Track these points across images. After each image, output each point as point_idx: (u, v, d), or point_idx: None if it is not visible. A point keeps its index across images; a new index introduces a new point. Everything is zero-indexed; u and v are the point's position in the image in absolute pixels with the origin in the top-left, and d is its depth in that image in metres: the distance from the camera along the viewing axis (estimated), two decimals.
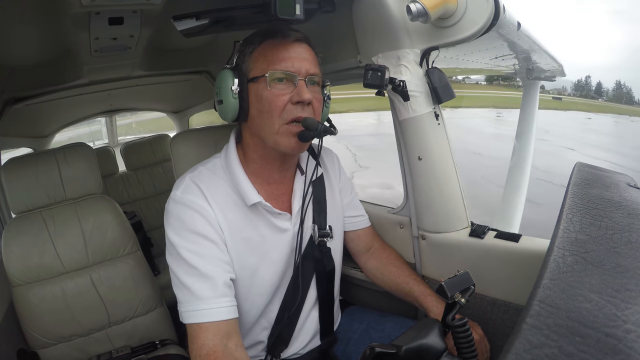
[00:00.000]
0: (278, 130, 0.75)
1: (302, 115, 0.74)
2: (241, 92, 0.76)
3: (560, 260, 0.44)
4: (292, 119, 0.74)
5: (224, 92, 0.76)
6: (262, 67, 0.75)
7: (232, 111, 0.77)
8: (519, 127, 2.51)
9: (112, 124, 3.51)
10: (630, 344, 0.31)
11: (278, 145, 0.76)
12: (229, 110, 0.77)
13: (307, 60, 0.76)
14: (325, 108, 0.85)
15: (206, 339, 0.69)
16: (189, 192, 0.76)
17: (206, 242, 0.74)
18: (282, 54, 0.75)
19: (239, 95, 0.76)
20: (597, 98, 38.50)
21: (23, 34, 0.94)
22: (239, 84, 0.76)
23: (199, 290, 0.71)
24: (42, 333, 1.11)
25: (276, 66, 0.74)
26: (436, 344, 0.59)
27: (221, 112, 0.80)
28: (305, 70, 0.75)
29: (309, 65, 0.76)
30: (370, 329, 0.98)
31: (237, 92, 0.76)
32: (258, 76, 0.75)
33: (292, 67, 0.74)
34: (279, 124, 0.74)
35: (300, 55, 0.76)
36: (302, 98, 0.73)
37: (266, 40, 0.76)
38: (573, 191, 0.64)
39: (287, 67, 0.74)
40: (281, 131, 0.75)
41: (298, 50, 0.76)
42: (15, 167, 1.14)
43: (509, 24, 0.88)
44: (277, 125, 0.74)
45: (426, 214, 0.96)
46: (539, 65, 2.02)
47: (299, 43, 0.77)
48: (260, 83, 0.75)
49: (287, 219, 0.84)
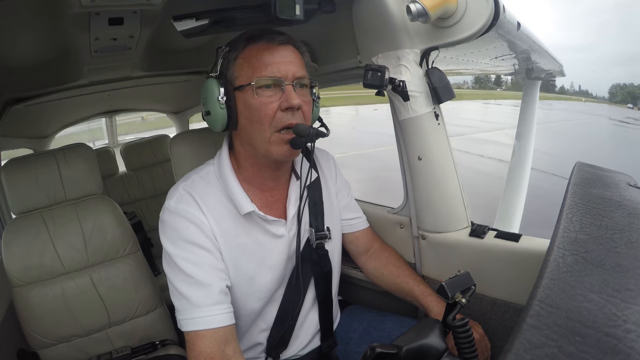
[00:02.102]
0: (269, 139, 0.74)
1: (293, 122, 0.73)
2: (228, 101, 0.75)
3: (560, 260, 0.44)
4: (283, 126, 0.73)
5: (211, 102, 0.75)
6: (248, 75, 0.74)
7: (220, 121, 0.76)
8: (519, 127, 2.50)
9: (112, 125, 3.51)
10: (630, 344, 0.31)
11: (270, 153, 0.75)
12: (217, 121, 0.76)
13: (293, 63, 0.75)
14: (315, 108, 0.85)
15: (204, 346, 0.70)
16: (182, 202, 0.76)
17: (201, 251, 0.74)
18: (266, 59, 0.73)
19: (226, 105, 0.75)
20: (495, 88, 44.25)
21: (23, 34, 0.94)
22: (225, 92, 0.74)
23: (196, 298, 0.71)
24: (42, 333, 1.11)
25: (262, 73, 0.72)
26: (437, 344, 0.59)
27: (209, 122, 0.78)
28: (292, 74, 0.74)
29: (295, 68, 0.74)
30: (371, 328, 0.98)
31: (224, 102, 0.74)
32: (244, 84, 0.74)
33: (279, 72, 0.73)
34: (270, 132, 0.73)
35: (286, 58, 0.74)
36: (291, 104, 0.72)
37: (250, 45, 0.75)
38: (573, 191, 0.64)
39: (273, 72, 0.73)
40: (272, 139, 0.74)
41: (283, 54, 0.74)
42: (15, 168, 1.14)
43: (509, 24, 0.88)
44: (268, 133, 0.73)
45: (426, 214, 0.96)
46: (539, 65, 2.02)
47: (284, 46, 0.75)
48: (247, 91, 0.73)
49: (282, 225, 0.83)
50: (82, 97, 1.72)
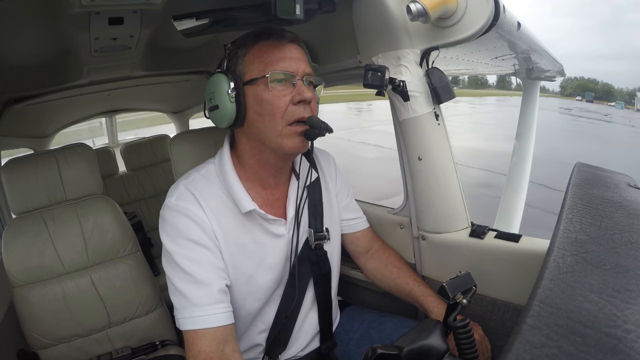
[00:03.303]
0: (281, 132, 0.74)
1: (305, 116, 0.74)
2: (237, 96, 0.75)
3: (560, 260, 0.44)
4: (296, 119, 0.74)
5: (220, 96, 0.75)
6: (260, 69, 0.74)
7: (229, 116, 0.75)
8: (519, 128, 2.50)
9: (112, 124, 3.50)
10: (630, 344, 0.31)
11: (281, 147, 0.75)
12: (225, 115, 0.75)
13: (302, 60, 0.76)
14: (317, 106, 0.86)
15: (203, 346, 0.69)
16: (182, 200, 0.76)
17: (201, 249, 0.74)
18: (278, 54, 0.74)
19: (235, 99, 0.75)
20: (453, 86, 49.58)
21: (23, 34, 0.94)
22: (235, 87, 0.75)
23: (195, 297, 0.71)
24: (42, 334, 1.11)
25: (275, 67, 0.73)
26: (438, 345, 0.59)
27: (216, 118, 0.78)
28: (302, 71, 0.75)
29: (304, 65, 0.76)
30: (371, 329, 0.98)
31: (234, 96, 0.75)
32: (256, 78, 0.74)
33: (291, 68, 0.74)
34: (282, 125, 0.74)
35: (296, 55, 0.76)
36: (305, 97, 0.73)
37: (260, 42, 0.76)
38: (573, 191, 0.64)
39: (286, 67, 0.74)
40: (284, 132, 0.74)
41: (293, 51, 0.76)
42: (15, 168, 1.13)
43: (509, 24, 0.88)
44: (280, 126, 0.74)
45: (426, 214, 0.96)
46: (539, 65, 2.02)
47: (293, 44, 0.77)
48: (258, 85, 0.74)
49: (281, 224, 0.83)
50: (82, 97, 1.72)
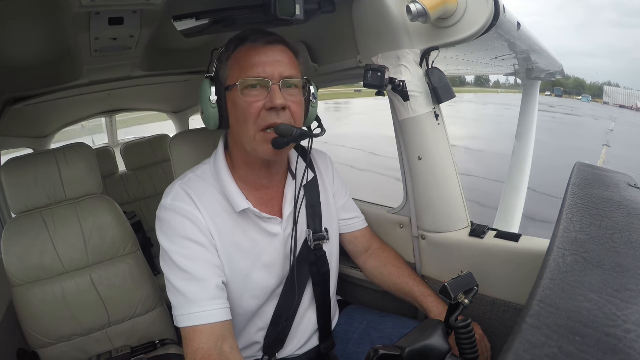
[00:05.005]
0: (254, 138, 0.74)
1: (276, 122, 0.73)
2: (219, 101, 0.76)
3: (560, 260, 0.44)
4: (267, 125, 0.73)
5: (204, 102, 0.77)
6: (236, 75, 0.74)
7: (212, 120, 0.78)
8: (519, 127, 2.50)
9: (112, 124, 3.50)
10: (630, 344, 0.31)
11: (256, 152, 0.76)
12: (209, 120, 0.78)
13: (281, 63, 0.74)
14: (312, 108, 0.84)
15: (201, 342, 0.70)
16: (178, 200, 0.77)
17: (197, 247, 0.75)
18: (254, 59, 0.73)
19: (217, 105, 0.76)
20: None
21: (23, 34, 0.94)
22: (217, 93, 0.76)
23: (192, 294, 0.72)
24: (42, 333, 1.11)
25: (248, 73, 0.73)
26: (440, 345, 0.59)
27: (204, 121, 0.80)
28: (279, 74, 0.73)
29: (283, 68, 0.74)
30: (371, 329, 0.98)
31: (215, 102, 0.76)
32: (232, 85, 0.75)
33: (264, 73, 0.73)
34: (254, 131, 0.74)
35: (273, 58, 0.74)
36: (274, 104, 0.72)
37: (240, 46, 0.75)
38: (573, 191, 0.64)
39: (259, 73, 0.73)
40: (257, 138, 0.74)
41: (271, 54, 0.74)
42: (15, 167, 1.13)
43: (509, 24, 0.88)
44: (252, 132, 0.74)
45: (426, 214, 0.96)
46: (539, 65, 2.02)
47: (271, 46, 0.75)
48: (234, 91, 0.74)
49: (277, 223, 0.83)
50: (82, 97, 1.72)
